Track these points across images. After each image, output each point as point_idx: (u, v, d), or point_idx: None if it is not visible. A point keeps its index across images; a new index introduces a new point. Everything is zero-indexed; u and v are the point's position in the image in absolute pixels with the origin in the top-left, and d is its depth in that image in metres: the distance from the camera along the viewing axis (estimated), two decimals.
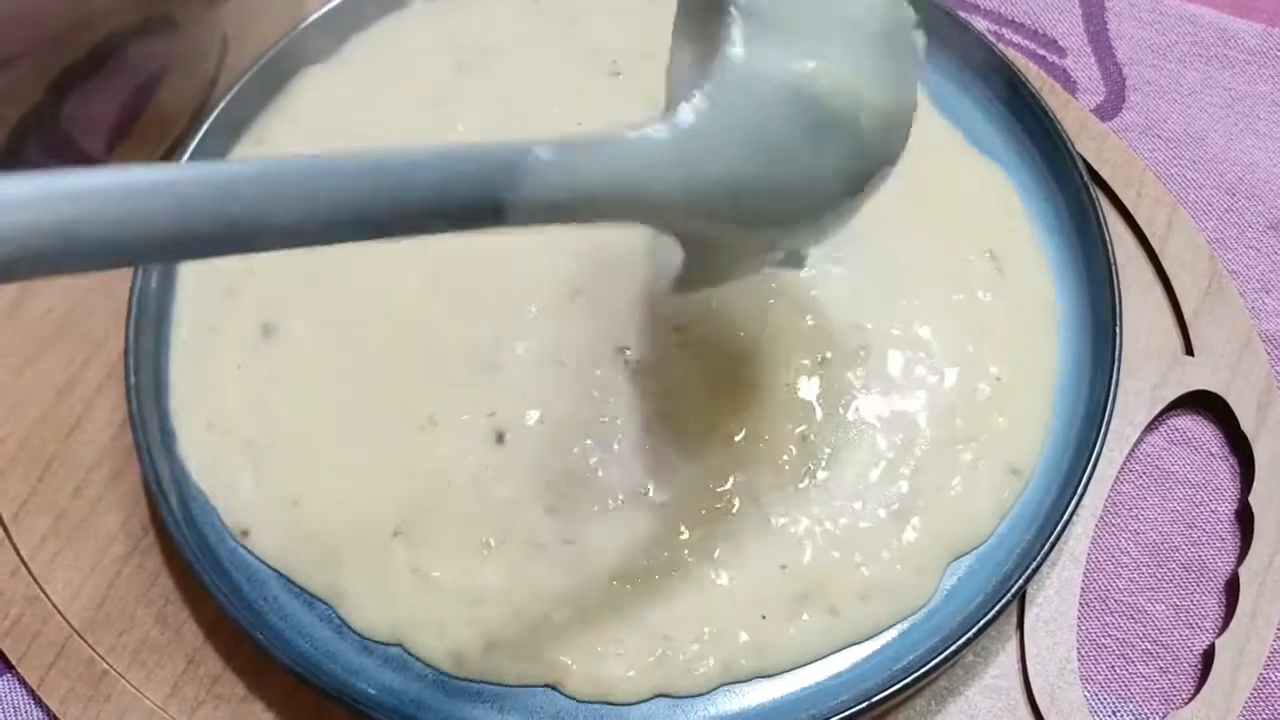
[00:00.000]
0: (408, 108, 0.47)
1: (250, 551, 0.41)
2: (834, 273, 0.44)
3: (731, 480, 0.41)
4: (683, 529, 0.40)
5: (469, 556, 0.40)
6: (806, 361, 0.42)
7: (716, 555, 0.40)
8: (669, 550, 0.40)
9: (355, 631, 0.39)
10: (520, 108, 0.47)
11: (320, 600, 0.40)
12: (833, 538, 0.40)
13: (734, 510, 0.40)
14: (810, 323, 0.43)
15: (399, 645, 0.39)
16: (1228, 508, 0.42)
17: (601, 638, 0.39)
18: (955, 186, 0.46)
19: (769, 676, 0.38)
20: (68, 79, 0.52)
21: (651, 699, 0.38)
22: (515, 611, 0.39)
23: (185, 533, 0.40)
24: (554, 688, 0.38)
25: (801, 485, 0.41)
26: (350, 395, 0.43)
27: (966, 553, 0.40)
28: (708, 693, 0.38)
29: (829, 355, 0.43)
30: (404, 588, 0.40)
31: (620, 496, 0.40)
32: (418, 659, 0.39)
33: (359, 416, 0.42)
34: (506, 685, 0.38)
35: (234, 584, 0.40)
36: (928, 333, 0.43)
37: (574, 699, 0.38)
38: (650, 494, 0.40)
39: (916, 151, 0.46)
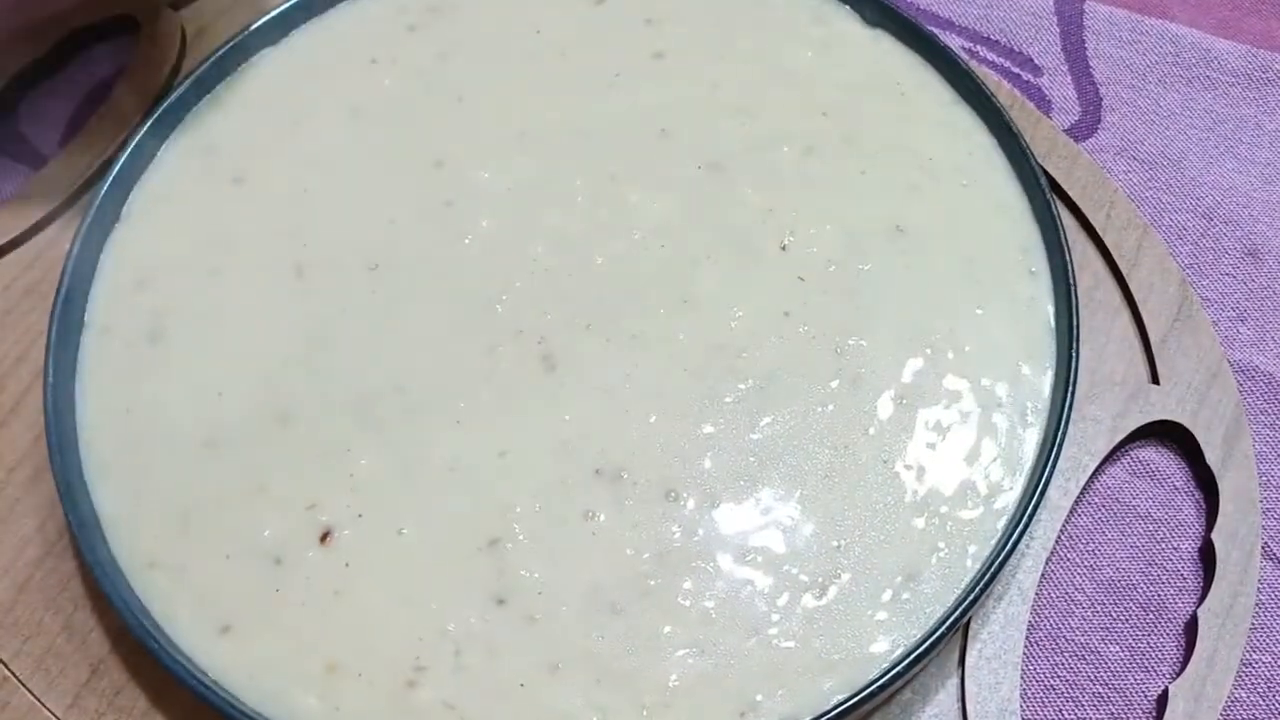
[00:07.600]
0: (348, 72, 0.46)
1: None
2: (862, 273, 0.40)
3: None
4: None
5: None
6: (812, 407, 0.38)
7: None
8: None
9: None
10: (474, 49, 0.46)
11: None
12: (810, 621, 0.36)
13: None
14: (815, 352, 0.39)
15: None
16: (1190, 545, 0.40)
17: None
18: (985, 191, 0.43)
19: None
20: (27, 76, 0.52)
21: None
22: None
23: (92, 540, 0.38)
24: None
25: (786, 599, 0.36)
26: (207, 435, 0.39)
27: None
28: None
29: (831, 408, 0.38)
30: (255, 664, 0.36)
31: (521, 683, 0.35)
32: None
33: (216, 471, 0.38)
34: None
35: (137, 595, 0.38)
36: (965, 370, 0.39)
37: None
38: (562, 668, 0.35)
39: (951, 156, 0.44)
